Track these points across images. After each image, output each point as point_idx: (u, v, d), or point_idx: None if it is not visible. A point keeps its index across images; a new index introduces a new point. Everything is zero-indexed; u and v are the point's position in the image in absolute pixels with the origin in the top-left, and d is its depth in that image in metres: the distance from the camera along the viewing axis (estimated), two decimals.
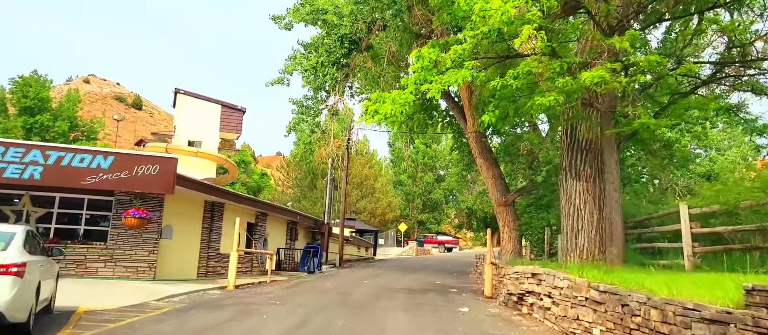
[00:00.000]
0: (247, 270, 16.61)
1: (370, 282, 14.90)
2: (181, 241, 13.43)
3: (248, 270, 16.71)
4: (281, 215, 18.55)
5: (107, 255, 11.38)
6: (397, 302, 10.42)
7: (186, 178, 12.11)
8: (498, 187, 20.86)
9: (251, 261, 16.83)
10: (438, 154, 56.22)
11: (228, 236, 15.11)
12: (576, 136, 10.59)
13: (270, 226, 18.27)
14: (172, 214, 12.85)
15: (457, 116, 22.67)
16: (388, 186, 51.05)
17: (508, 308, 10.07)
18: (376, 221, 46.09)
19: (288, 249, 19.51)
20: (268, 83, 17.25)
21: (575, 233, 10.07)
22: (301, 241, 21.42)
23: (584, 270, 7.69)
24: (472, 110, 20.55)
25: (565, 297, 7.53)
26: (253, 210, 16.99)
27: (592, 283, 6.75)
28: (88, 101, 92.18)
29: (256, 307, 9.02)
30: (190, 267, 13.88)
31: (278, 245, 18.64)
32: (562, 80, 8.46)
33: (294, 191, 49.47)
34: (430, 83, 9.53)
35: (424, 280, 16.19)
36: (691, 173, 22.02)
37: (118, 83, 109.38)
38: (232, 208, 15.60)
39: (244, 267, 16.44)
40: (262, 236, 17.19)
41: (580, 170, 10.31)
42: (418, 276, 17.73)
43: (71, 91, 57.12)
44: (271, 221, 18.36)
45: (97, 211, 11.85)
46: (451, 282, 16.06)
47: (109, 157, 10.47)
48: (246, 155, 67.72)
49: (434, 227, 55.46)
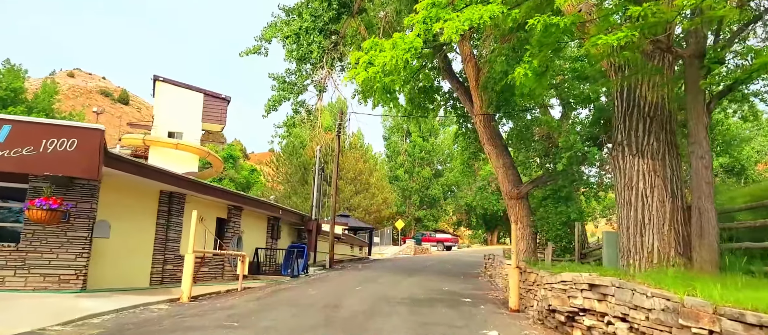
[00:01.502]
0: (217, 274, 13.92)
1: (364, 289, 12.27)
2: (127, 241, 10.71)
3: (219, 275, 14.02)
4: (260, 210, 15.84)
5: (18, 259, 8.63)
6: (400, 319, 7.79)
7: (124, 159, 9.40)
8: (509, 178, 18.29)
9: (222, 264, 14.14)
10: (436, 148, 53.62)
11: (188, 234, 12.41)
12: (635, 99, 7.98)
13: (246, 222, 15.59)
14: (113, 206, 10.12)
15: (463, 98, 20.08)
16: (384, 181, 48.44)
17: (548, 329, 7.47)
18: (371, 219, 43.45)
19: (269, 249, 16.83)
20: (242, 53, 14.54)
21: (639, 228, 7.46)
22: (285, 240, 18.74)
23: (682, 282, 5.09)
24: (479, 91, 17.99)
25: (659, 326, 4.91)
26: (224, 203, 14.29)
27: (721, 308, 4.13)
28: (72, 95, 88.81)
29: (199, 334, 6.35)
30: (140, 273, 11.18)
31: (257, 244, 15.96)
32: (638, 8, 5.79)
33: (284, 187, 46.82)
34: (443, 22, 6.87)
35: (429, 285, 13.59)
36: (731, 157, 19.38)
37: (103, 77, 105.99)
38: (196, 200, 12.90)
39: (213, 272, 13.75)
40: (235, 234, 14.50)
41: (643, 145, 7.70)
42: (421, 280, 15.12)
43: (47, 82, 53.99)
44: (247, 217, 15.67)
45: (4, 202, 9.10)
46: (461, 288, 13.45)
47: (3, 126, 7.72)
48: (235, 150, 64.80)
49: (432, 224, 52.88)
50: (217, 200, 13.62)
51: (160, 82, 34.30)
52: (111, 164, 8.54)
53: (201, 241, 13.06)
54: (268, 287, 12.82)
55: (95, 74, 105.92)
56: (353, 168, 45.25)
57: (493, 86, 16.39)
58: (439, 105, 22.36)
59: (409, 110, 21.57)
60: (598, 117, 16.66)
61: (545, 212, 18.10)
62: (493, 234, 60.43)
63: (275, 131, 15.51)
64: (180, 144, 31.44)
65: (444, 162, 55.17)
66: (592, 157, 15.82)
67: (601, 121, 16.72)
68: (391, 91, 18.87)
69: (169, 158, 28.30)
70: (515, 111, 17.43)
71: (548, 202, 17.99)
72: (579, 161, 16.50)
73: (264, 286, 13.05)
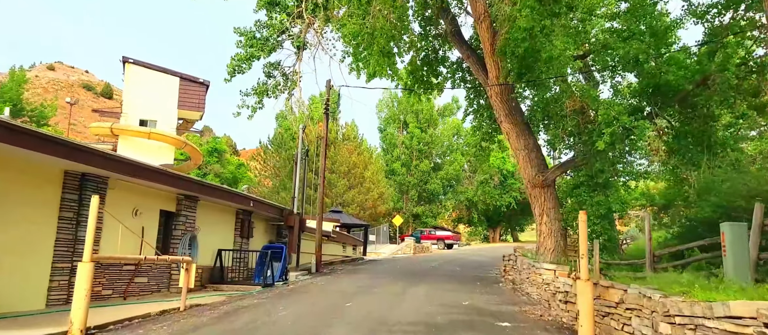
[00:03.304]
0: (161, 285, 10.45)
1: (356, 306, 8.87)
2: (10, 243, 7.26)
3: (163, 287, 10.55)
4: (223, 201, 12.37)
5: None
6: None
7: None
8: (532, 161, 15.04)
9: (168, 272, 10.66)
10: (435, 139, 50.24)
11: (115, 234, 8.94)
12: None
13: (205, 217, 12.14)
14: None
15: (474, 68, 16.73)
16: (380, 175, 45.08)
17: None
18: (366, 215, 40.08)
19: (237, 251, 13.36)
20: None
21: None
22: (261, 239, 15.29)
23: None
24: (495, 57, 14.67)
25: None
26: (171, 192, 10.83)
27: None
28: (52, 89, 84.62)
29: None
30: (30, 290, 7.71)
31: (220, 245, 12.52)
32: None
33: (274, 182, 43.38)
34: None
35: (443, 298, 10.21)
36: None
37: (86, 71, 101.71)
38: (127, 187, 9.45)
39: (155, 282, 10.29)
40: (188, 233, 11.04)
41: None
42: (430, 289, 11.75)
43: (14, 70, 50.06)
44: (206, 211, 12.21)
45: None
46: (486, 301, 10.07)
47: None
48: (221, 143, 61.13)
49: (431, 221, 49.53)
50: (161, 187, 10.16)
51: (130, 65, 30.53)
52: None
53: (132, 242, 9.61)
54: (225, 303, 9.39)
55: (78, 68, 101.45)
56: (347, 161, 41.87)
57: (513, 48, 13.08)
58: (445, 79, 19.00)
59: (411, 83, 18.20)
60: (646, 84, 13.30)
61: (577, 203, 14.68)
62: (496, 231, 57.17)
63: (242, 99, 12.03)
64: (153, 133, 27.72)
65: (443, 155, 51.81)
66: (641, 133, 12.47)
67: (650, 89, 13.39)
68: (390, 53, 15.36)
69: (140, 149, 24.79)
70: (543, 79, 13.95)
71: (582, 190, 14.58)
72: (622, 138, 13.18)
73: (222, 302, 9.62)
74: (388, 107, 53.40)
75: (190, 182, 10.66)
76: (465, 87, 18.26)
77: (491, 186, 49.68)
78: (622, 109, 12.41)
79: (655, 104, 13.67)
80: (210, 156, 56.25)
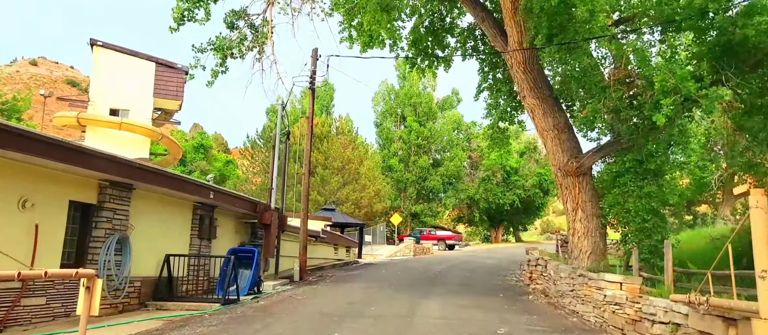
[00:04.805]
0: (67, 308, 7.44)
1: None
2: None
3: (72, 310, 7.56)
4: (172, 192, 9.38)
5: None
6: None
7: None
8: (563, 144, 12.36)
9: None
10: (434, 133, 47.31)
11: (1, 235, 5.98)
12: None
13: (146, 213, 9.14)
14: None
15: (491, 33, 13.86)
16: (376, 172, 42.12)
17: None
18: (362, 214, 37.07)
19: (195, 257, 10.36)
20: None
21: None
22: (228, 240, 12.25)
23: None
24: (519, 15, 11.84)
25: None
26: (88, 177, 7.82)
27: None
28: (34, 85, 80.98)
29: None
30: None
31: (168, 249, 9.50)
32: None
33: (263, 179, 40.35)
34: None
35: (469, 322, 7.29)
36: None
37: (71, 67, 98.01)
38: (9, 165, 6.47)
39: (58, 304, 7.29)
40: (115, 232, 8.06)
41: None
42: (447, 307, 8.81)
43: None
44: (148, 203, 9.22)
45: None
46: (529, 329, 7.14)
47: None
48: (208, 139, 57.95)
49: (430, 220, 46.59)
50: (70, 169, 7.18)
51: (98, 48, 27.15)
52: None
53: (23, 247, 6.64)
54: (160, 333, 6.43)
55: (62, 63, 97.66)
56: (340, 156, 38.87)
57: (543, 2, 10.21)
58: (453, 50, 16.10)
59: (415, 54, 15.28)
60: (714, 44, 10.39)
61: (621, 195, 11.74)
62: (498, 231, 54.25)
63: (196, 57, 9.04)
64: (124, 123, 24.33)
65: (443, 150, 48.89)
66: (711, 104, 9.59)
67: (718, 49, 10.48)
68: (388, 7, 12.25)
69: (110, 141, 21.58)
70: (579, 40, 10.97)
71: (627, 179, 11.65)
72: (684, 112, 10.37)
73: (149, 331, 6.65)
74: (385, 100, 50.48)
75: (111, 161, 7.66)
76: (478, 58, 15.38)
77: (494, 183, 46.82)
78: (686, 73, 9.50)
79: (723, 69, 10.68)
80: (196, 152, 53.08)
